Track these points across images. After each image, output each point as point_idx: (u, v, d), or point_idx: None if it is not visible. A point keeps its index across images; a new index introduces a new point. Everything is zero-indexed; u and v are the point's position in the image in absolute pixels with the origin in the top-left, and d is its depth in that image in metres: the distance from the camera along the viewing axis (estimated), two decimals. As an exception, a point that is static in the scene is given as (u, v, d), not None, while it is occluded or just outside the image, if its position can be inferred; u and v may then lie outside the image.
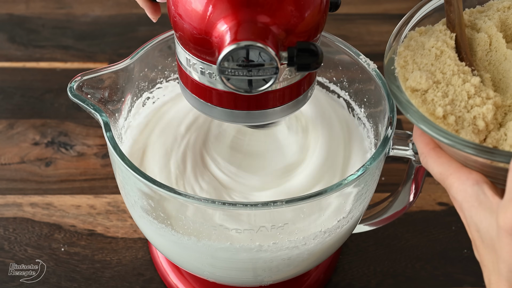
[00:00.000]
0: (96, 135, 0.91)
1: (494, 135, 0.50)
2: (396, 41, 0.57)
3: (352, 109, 0.73)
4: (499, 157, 0.48)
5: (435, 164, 0.52)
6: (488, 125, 0.51)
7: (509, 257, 0.44)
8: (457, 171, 0.50)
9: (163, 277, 0.76)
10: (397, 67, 0.55)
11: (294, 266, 0.64)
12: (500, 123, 0.52)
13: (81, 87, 0.63)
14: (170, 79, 0.74)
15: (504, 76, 0.54)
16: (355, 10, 1.11)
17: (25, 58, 1.01)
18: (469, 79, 0.52)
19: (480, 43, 0.56)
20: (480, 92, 0.52)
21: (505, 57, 0.55)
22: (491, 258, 0.47)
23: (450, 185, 0.50)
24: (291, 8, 0.50)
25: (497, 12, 0.58)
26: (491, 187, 0.48)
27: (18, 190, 0.84)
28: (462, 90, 0.52)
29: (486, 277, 0.48)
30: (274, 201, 0.55)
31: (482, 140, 0.51)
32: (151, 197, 0.60)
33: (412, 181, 0.67)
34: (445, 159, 0.51)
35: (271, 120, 0.57)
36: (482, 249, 0.48)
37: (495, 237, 0.46)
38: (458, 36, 0.56)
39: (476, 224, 0.48)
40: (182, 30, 0.53)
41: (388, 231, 0.81)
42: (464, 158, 0.50)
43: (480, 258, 0.49)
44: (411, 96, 0.53)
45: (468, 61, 0.55)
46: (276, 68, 0.49)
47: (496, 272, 0.46)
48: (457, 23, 0.56)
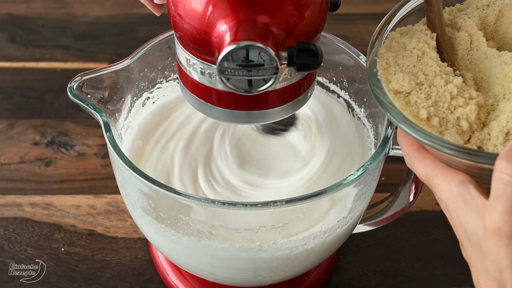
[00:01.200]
0: (96, 135, 0.91)
1: (478, 135, 0.50)
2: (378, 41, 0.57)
3: (352, 109, 0.73)
4: (481, 158, 0.48)
5: (420, 165, 0.52)
6: (472, 125, 0.51)
7: (496, 257, 0.44)
8: (442, 172, 0.50)
9: (163, 277, 0.76)
10: (380, 70, 0.55)
11: (294, 266, 0.64)
12: (483, 123, 0.51)
13: (81, 87, 0.63)
14: (170, 79, 0.74)
15: (486, 74, 0.54)
16: (355, 10, 1.11)
17: (25, 58, 1.01)
18: (451, 80, 0.52)
19: (461, 42, 0.56)
20: (462, 93, 0.52)
21: (486, 55, 0.55)
22: (479, 258, 0.47)
23: (436, 186, 0.50)
24: (291, 8, 0.50)
25: (476, 10, 0.58)
26: (476, 187, 0.48)
27: (18, 190, 0.84)
28: (445, 91, 0.52)
29: (475, 277, 0.48)
30: (274, 201, 0.55)
31: (466, 141, 0.51)
32: (151, 197, 0.60)
33: (412, 181, 0.67)
34: (430, 160, 0.51)
35: (271, 120, 0.57)
36: (470, 249, 0.48)
37: (482, 237, 0.46)
38: (439, 36, 0.56)
39: (463, 224, 0.48)
40: (182, 30, 0.53)
41: (388, 231, 0.81)
42: (448, 159, 0.50)
43: (468, 258, 0.49)
44: (394, 99, 0.52)
45: (450, 61, 0.55)
46: (276, 68, 0.49)
47: (484, 272, 0.46)
48: (438, 23, 0.56)
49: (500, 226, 0.43)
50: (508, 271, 0.44)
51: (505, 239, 0.43)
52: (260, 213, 0.59)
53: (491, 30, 0.58)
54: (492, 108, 0.52)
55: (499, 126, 0.50)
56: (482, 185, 0.49)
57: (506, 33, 0.58)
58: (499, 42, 0.58)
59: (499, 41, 0.58)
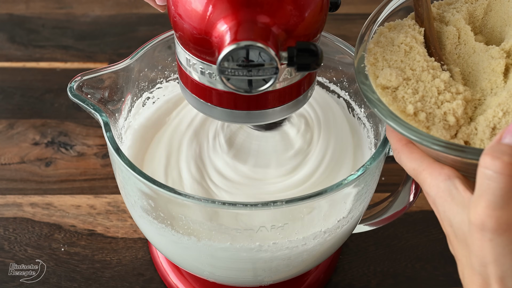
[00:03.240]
0: (96, 135, 0.91)
1: (465, 130, 0.50)
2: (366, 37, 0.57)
3: (352, 109, 0.73)
4: (467, 154, 0.48)
5: (407, 159, 0.52)
6: (459, 120, 0.51)
7: (481, 251, 0.45)
8: (429, 166, 0.50)
9: (163, 277, 0.76)
10: (367, 65, 0.54)
11: (294, 266, 0.64)
12: (470, 117, 0.51)
13: (81, 87, 0.63)
14: (170, 79, 0.74)
15: (473, 69, 0.54)
16: (355, 10, 1.11)
17: (25, 58, 1.01)
18: (438, 75, 0.52)
19: (449, 37, 0.56)
20: (450, 87, 0.52)
21: (474, 50, 0.55)
22: (464, 253, 0.47)
23: (423, 180, 0.50)
24: (291, 8, 0.50)
25: (465, 4, 0.58)
26: (463, 182, 0.48)
27: (18, 190, 0.84)
28: (432, 86, 0.52)
29: (460, 271, 0.49)
30: (274, 201, 0.55)
31: (453, 135, 0.51)
32: (151, 197, 0.60)
33: (412, 181, 0.67)
34: (417, 155, 0.51)
35: (271, 120, 0.57)
36: (456, 243, 0.48)
37: (467, 232, 0.46)
38: (427, 31, 0.55)
39: (449, 219, 0.48)
40: (182, 30, 0.53)
41: (388, 231, 0.81)
42: (436, 154, 0.50)
43: (454, 252, 0.49)
44: (381, 94, 0.52)
45: (438, 56, 0.55)
46: (276, 68, 0.49)
47: (469, 266, 0.47)
48: (426, 17, 0.56)
49: (484, 221, 0.44)
50: (492, 265, 0.45)
51: (489, 234, 0.44)
52: (260, 213, 0.59)
53: (479, 24, 0.58)
54: (480, 103, 0.52)
55: (486, 121, 0.50)
56: (470, 180, 0.49)
57: (494, 27, 0.57)
58: (488, 36, 0.58)
59: (488, 35, 0.58)
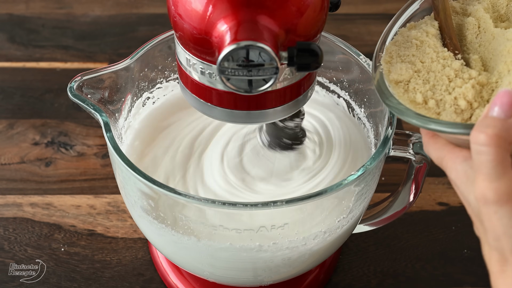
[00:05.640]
0: (96, 135, 0.91)
1: (479, 112, 0.51)
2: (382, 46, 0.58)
3: (352, 109, 0.73)
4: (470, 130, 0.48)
5: (432, 149, 0.53)
6: (472, 103, 0.51)
7: (491, 225, 0.45)
8: (450, 152, 0.51)
9: (163, 277, 0.76)
10: (383, 63, 0.56)
11: (294, 266, 0.64)
12: (487, 100, 0.52)
13: (81, 87, 0.63)
14: (170, 79, 0.74)
15: (494, 54, 0.55)
16: (355, 10, 1.11)
17: (25, 58, 1.01)
18: (449, 64, 0.53)
19: (469, 28, 0.57)
20: (462, 74, 0.53)
21: (493, 36, 0.55)
22: (482, 230, 0.48)
23: (445, 166, 0.51)
24: (291, 8, 0.50)
25: None
26: None
27: (18, 190, 0.84)
28: (443, 75, 0.53)
29: (483, 249, 0.49)
30: (274, 201, 0.55)
31: (467, 118, 0.51)
32: (151, 197, 0.60)
33: (412, 181, 0.67)
34: (440, 144, 0.53)
35: (271, 120, 0.57)
36: (476, 222, 0.49)
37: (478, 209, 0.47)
38: (442, 22, 0.57)
39: (467, 199, 0.49)
40: (182, 30, 0.53)
41: (388, 231, 0.81)
42: (455, 140, 0.51)
43: (477, 232, 0.50)
44: (395, 88, 0.54)
45: (453, 46, 0.55)
46: (276, 68, 0.49)
47: (487, 243, 0.47)
48: (441, 9, 0.57)
49: (485, 194, 0.45)
50: (504, 237, 0.45)
51: (493, 207, 0.45)
52: (260, 213, 0.59)
53: (505, 11, 0.58)
54: (497, 85, 0.53)
55: None
56: None
57: None
58: None
59: None
